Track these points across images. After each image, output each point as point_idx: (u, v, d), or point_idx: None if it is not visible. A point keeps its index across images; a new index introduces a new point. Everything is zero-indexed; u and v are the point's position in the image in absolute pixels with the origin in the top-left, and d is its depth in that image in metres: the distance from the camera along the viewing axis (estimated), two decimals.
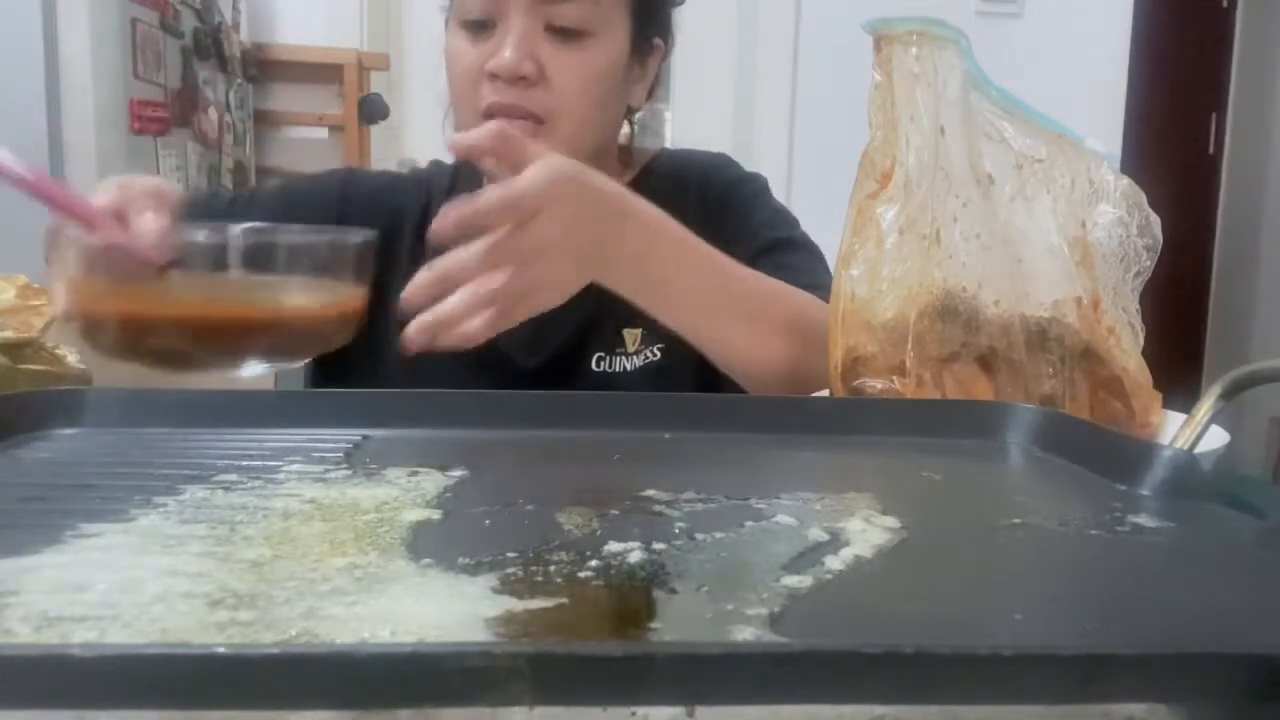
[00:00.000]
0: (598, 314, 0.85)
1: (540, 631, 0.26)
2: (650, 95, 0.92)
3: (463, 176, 0.93)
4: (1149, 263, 0.63)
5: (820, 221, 0.91)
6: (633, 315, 0.85)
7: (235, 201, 0.93)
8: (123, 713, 0.21)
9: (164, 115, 1.96)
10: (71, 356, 0.69)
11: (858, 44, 0.67)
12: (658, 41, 0.89)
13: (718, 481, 0.40)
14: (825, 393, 0.65)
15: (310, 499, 0.37)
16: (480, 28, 0.80)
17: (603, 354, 0.86)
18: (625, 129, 0.93)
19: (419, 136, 2.70)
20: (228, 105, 2.30)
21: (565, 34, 0.80)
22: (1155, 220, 0.63)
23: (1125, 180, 0.63)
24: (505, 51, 0.78)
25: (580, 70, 0.81)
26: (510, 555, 0.31)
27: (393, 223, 0.90)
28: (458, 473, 0.41)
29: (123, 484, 0.37)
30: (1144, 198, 0.63)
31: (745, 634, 0.26)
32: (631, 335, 0.86)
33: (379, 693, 0.21)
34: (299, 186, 0.96)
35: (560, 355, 0.85)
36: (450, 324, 0.59)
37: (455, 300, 0.59)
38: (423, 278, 0.59)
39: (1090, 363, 0.62)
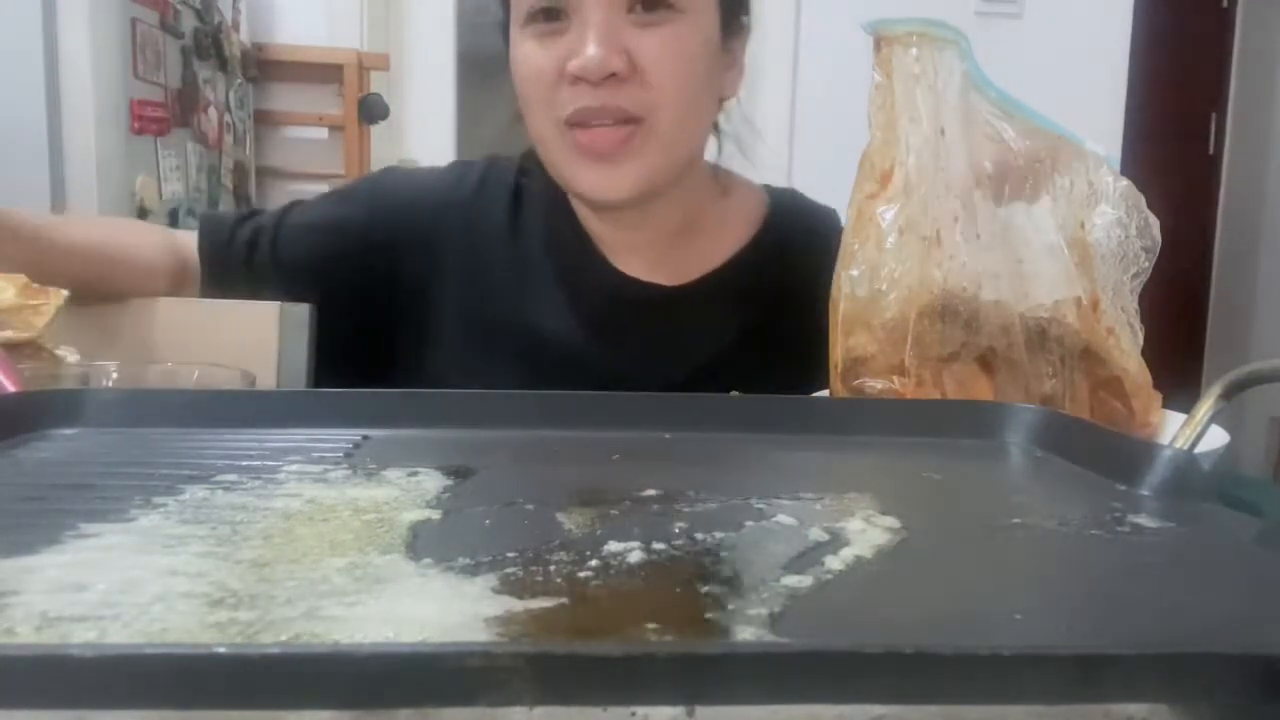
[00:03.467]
0: (707, 368, 0.80)
1: (540, 631, 0.26)
2: (740, 84, 0.82)
3: (534, 175, 0.83)
4: (1147, 264, 0.63)
5: None
6: (745, 379, 0.81)
7: (256, 245, 0.83)
8: (123, 713, 0.21)
9: (164, 115, 1.96)
10: (71, 356, 0.69)
11: (858, 44, 0.66)
12: (745, 19, 0.80)
13: (718, 481, 0.40)
14: (825, 393, 0.65)
15: (310, 499, 0.36)
16: (550, 18, 0.71)
17: None
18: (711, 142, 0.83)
19: (419, 136, 2.70)
20: (228, 105, 2.30)
21: (651, 14, 0.70)
22: (1154, 222, 0.63)
23: (1124, 182, 0.63)
24: (588, 48, 0.68)
25: (674, 54, 0.71)
26: (510, 555, 0.31)
27: (434, 223, 0.82)
28: (458, 473, 0.41)
29: (123, 484, 0.37)
30: (1143, 200, 0.63)
31: (745, 634, 0.26)
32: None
33: (379, 693, 0.21)
34: (320, 219, 0.85)
35: None
36: None
37: None
38: None
39: (1090, 363, 0.62)
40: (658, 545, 0.32)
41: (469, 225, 0.83)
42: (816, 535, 0.34)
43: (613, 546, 0.32)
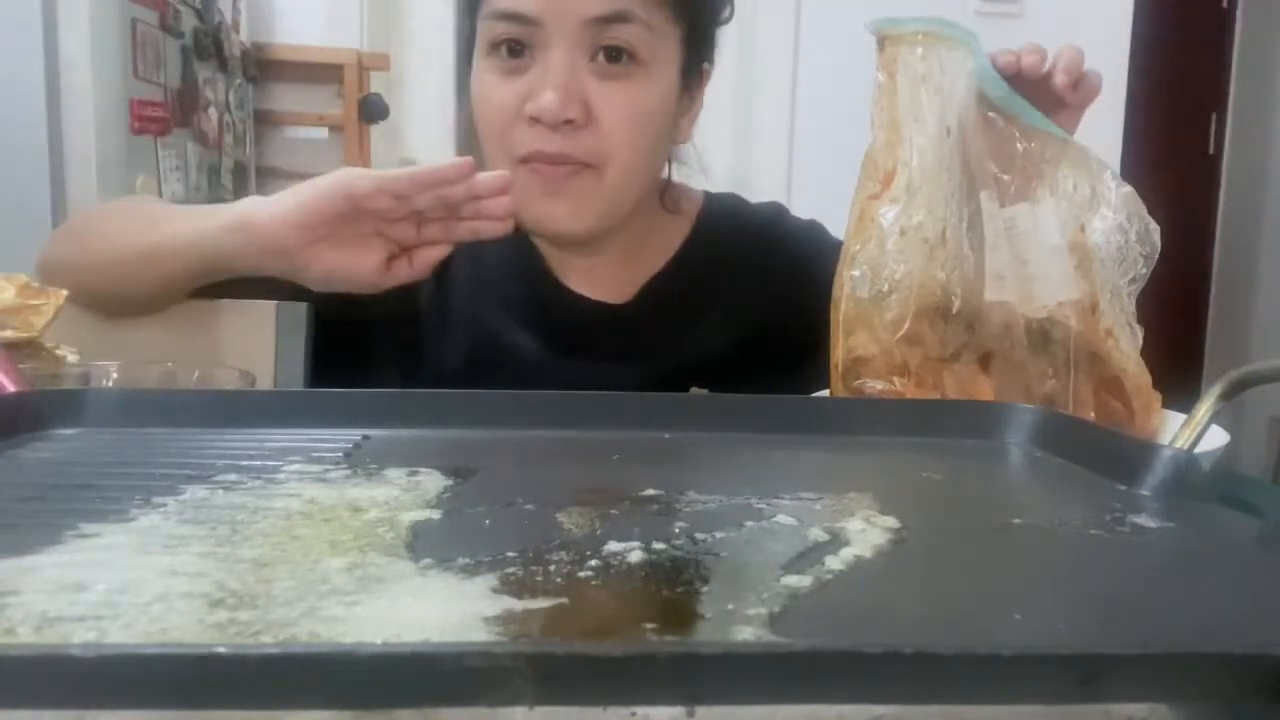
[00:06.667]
0: (668, 371, 0.80)
1: (540, 631, 0.26)
2: (693, 127, 0.83)
3: None
4: (1145, 270, 0.63)
5: (821, 222, 0.91)
6: (702, 375, 0.79)
7: None
8: (123, 713, 0.21)
9: (164, 115, 1.96)
10: (71, 356, 0.69)
11: (858, 44, 0.66)
12: (707, 65, 0.82)
13: (718, 481, 0.40)
14: (825, 393, 0.65)
15: (310, 499, 0.36)
16: (513, 54, 0.72)
17: None
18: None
19: (419, 136, 2.70)
20: (228, 105, 2.30)
21: (614, 65, 0.71)
22: (1154, 228, 0.63)
23: (1126, 188, 0.63)
24: (547, 93, 0.70)
25: (631, 109, 0.72)
26: (510, 555, 0.31)
27: None
28: (458, 473, 0.41)
29: (123, 484, 0.37)
30: (1144, 206, 0.63)
31: (745, 634, 0.26)
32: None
33: (379, 693, 0.21)
34: None
35: None
36: None
37: None
38: None
39: (1090, 363, 0.62)
40: (658, 545, 0.32)
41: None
42: (816, 535, 0.34)
43: (613, 546, 0.32)
